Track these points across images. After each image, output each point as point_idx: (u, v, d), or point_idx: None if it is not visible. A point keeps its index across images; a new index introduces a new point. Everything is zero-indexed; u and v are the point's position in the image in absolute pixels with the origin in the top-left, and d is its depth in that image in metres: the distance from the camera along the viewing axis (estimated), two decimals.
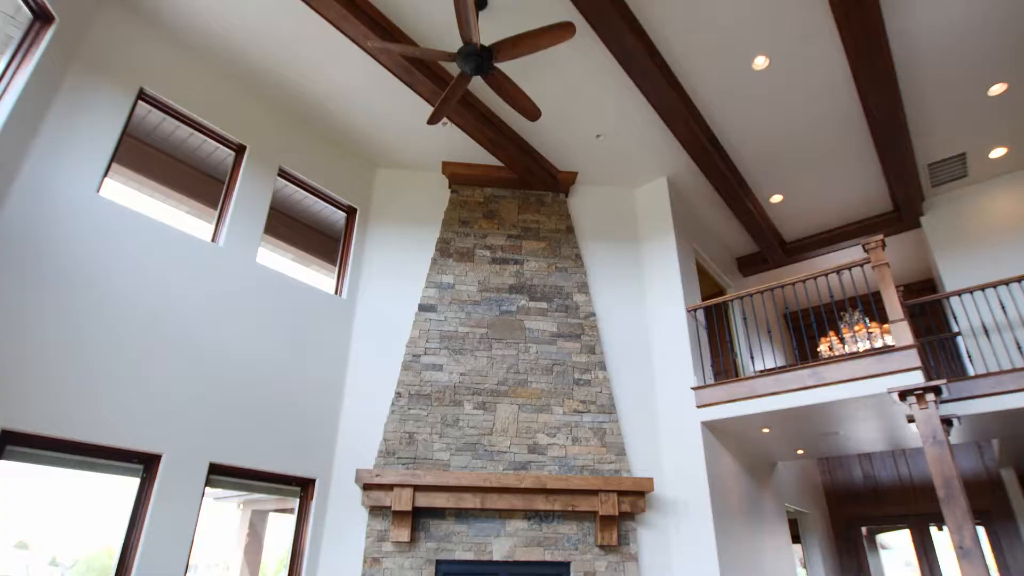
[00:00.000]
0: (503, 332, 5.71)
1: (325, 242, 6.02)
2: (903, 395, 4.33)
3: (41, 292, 3.72)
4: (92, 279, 3.99)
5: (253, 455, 4.58)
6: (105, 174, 4.27)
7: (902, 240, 7.53)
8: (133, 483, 3.96)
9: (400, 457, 5.05)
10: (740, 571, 5.26)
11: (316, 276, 5.77)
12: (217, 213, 5.01)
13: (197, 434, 4.28)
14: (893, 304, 4.66)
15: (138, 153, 4.88)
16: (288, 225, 5.85)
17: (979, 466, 7.67)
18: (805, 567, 7.92)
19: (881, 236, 4.89)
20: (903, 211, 6.95)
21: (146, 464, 4.01)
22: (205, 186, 5.20)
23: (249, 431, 4.60)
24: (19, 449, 3.51)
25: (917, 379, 4.37)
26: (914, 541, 8.01)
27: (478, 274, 5.97)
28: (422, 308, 5.71)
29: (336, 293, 5.71)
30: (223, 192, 5.10)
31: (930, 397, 4.24)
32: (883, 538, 9.19)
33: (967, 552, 3.81)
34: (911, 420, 4.36)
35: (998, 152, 6.19)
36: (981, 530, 7.29)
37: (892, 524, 8.50)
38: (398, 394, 5.30)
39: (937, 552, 7.84)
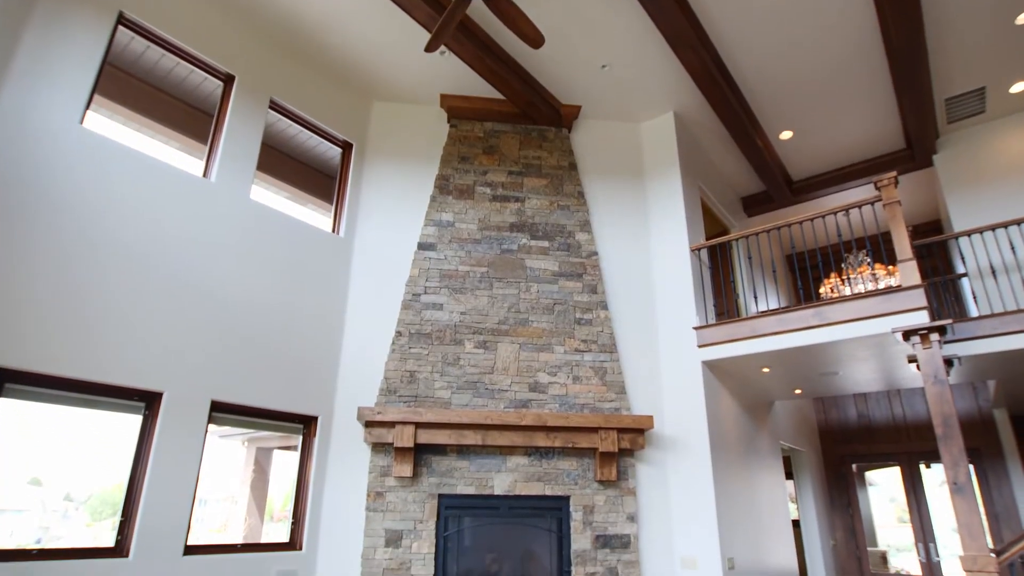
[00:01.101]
0: (504, 271, 5.63)
1: (321, 179, 5.85)
2: (907, 335, 4.30)
3: (27, 227, 3.61)
4: (80, 214, 3.86)
5: (255, 393, 4.59)
6: (88, 105, 4.07)
7: (911, 179, 7.33)
8: (137, 420, 3.97)
9: (401, 395, 5.08)
10: (735, 506, 5.39)
11: (312, 214, 5.63)
12: (207, 147, 4.83)
13: (198, 372, 4.26)
14: (903, 243, 4.56)
15: (123, 84, 4.65)
16: (282, 162, 5.66)
17: (972, 406, 7.77)
18: (796, 503, 8.16)
19: (894, 173, 4.74)
20: (916, 149, 6.74)
21: (148, 402, 4.01)
22: (194, 120, 4.99)
23: (250, 369, 4.59)
24: (17, 387, 3.49)
25: (922, 319, 4.33)
26: (903, 477, 8.22)
27: (478, 212, 5.83)
28: (421, 246, 5.61)
29: (333, 231, 5.59)
30: (212, 125, 4.90)
31: (934, 337, 4.21)
32: (871, 475, 9.44)
33: (960, 488, 3.87)
34: (912, 360, 4.35)
35: (1019, 86, 5.94)
36: (971, 467, 7.45)
37: (883, 462, 8.70)
38: (398, 333, 5.28)
39: (925, 488, 8.06)
